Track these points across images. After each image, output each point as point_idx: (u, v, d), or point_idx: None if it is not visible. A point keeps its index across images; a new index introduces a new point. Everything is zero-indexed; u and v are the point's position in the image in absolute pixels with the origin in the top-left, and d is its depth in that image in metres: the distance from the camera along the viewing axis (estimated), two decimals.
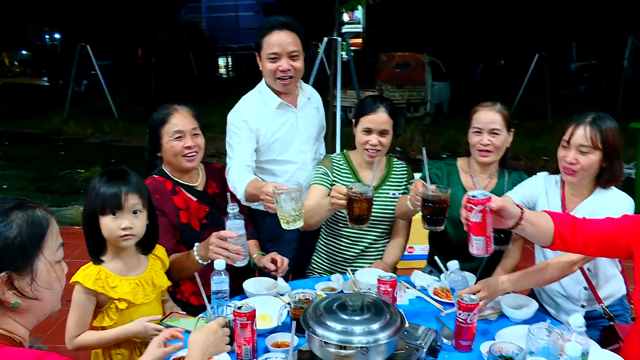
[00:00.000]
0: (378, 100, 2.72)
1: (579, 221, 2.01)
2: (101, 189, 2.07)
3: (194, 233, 2.56)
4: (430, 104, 15.07)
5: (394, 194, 2.79)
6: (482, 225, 1.79)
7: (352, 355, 1.62)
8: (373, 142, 2.64)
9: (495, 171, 2.73)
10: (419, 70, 14.73)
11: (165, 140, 2.52)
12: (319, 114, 3.09)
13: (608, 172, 2.34)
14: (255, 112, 2.83)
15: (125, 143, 12.26)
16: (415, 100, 14.51)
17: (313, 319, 1.70)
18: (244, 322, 1.85)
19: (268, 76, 2.81)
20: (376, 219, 2.74)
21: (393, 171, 2.85)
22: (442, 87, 15.89)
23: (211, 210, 2.64)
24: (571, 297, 2.52)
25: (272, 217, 2.48)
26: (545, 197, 2.55)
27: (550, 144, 11.57)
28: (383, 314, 1.71)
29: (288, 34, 2.73)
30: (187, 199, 2.58)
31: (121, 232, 2.08)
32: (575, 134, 2.33)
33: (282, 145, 2.87)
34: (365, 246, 2.81)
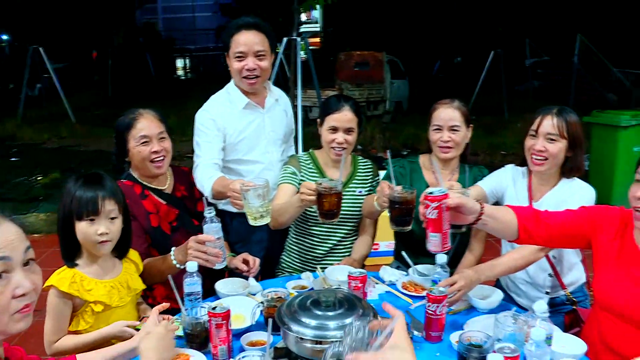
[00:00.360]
0: (342, 99, 2.78)
1: (542, 214, 2.10)
2: (77, 193, 2.06)
3: (165, 236, 2.56)
4: (390, 102, 15.18)
5: (360, 192, 2.84)
6: (439, 222, 1.81)
7: None
8: (339, 140, 2.69)
9: (457, 167, 2.81)
10: (378, 69, 14.84)
11: (132, 145, 2.52)
12: (287, 117, 3.13)
13: (572, 162, 2.47)
14: (223, 111, 2.85)
15: (85, 147, 11.99)
16: (374, 99, 14.60)
17: (288, 316, 1.74)
18: (219, 323, 1.87)
19: (235, 75, 2.84)
20: (344, 216, 2.79)
21: (359, 169, 2.90)
22: (401, 84, 16.03)
23: (180, 212, 2.65)
24: (536, 284, 2.62)
25: (240, 218, 2.51)
26: (513, 187, 2.65)
27: (507, 139, 11.92)
28: (356, 308, 1.76)
29: (255, 34, 2.77)
30: (156, 203, 2.59)
31: (98, 238, 2.08)
32: (543, 123, 2.45)
33: (248, 145, 2.90)
34: (334, 244, 2.86)
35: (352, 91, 13.58)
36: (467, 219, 1.93)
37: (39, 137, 12.93)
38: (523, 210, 2.11)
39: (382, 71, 14.84)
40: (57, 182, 8.23)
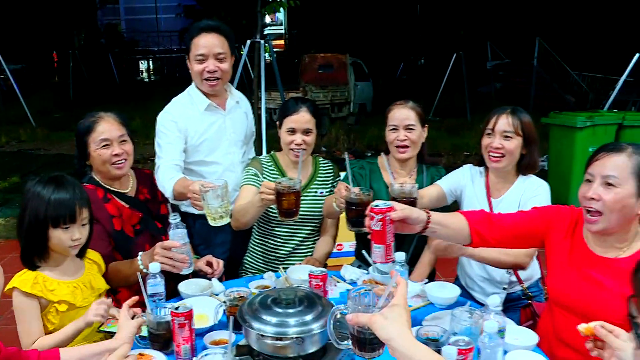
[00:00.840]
0: (300, 101, 2.83)
1: (494, 216, 2.19)
2: (52, 198, 2.05)
3: (128, 239, 2.57)
4: (354, 104, 15.27)
5: (322, 193, 2.89)
6: (382, 234, 1.84)
7: (288, 346, 1.71)
8: (297, 142, 2.74)
9: (414, 167, 2.89)
10: (342, 71, 14.92)
11: (92, 149, 2.52)
12: (248, 120, 3.16)
13: (527, 158, 2.58)
14: (184, 113, 2.88)
15: (45, 151, 11.77)
16: (338, 101, 14.67)
17: (249, 314, 1.78)
18: (181, 322, 1.89)
19: (196, 77, 2.88)
20: (305, 217, 2.84)
21: (320, 170, 2.95)
22: (364, 86, 16.14)
23: (144, 216, 2.66)
24: (494, 280, 2.71)
25: (202, 220, 2.52)
26: (471, 185, 2.74)
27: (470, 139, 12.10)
28: (315, 306, 1.81)
29: (215, 37, 2.82)
30: (119, 206, 2.59)
31: (72, 243, 2.10)
32: (498, 122, 2.56)
33: (209, 147, 2.93)
34: (296, 244, 2.90)
35: (316, 93, 13.63)
36: (414, 228, 1.98)
37: None
38: (474, 214, 2.19)
39: (346, 73, 14.92)
40: (17, 187, 8.03)
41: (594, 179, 1.92)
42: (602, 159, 1.92)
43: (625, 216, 1.90)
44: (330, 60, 15.05)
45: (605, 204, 1.88)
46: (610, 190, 1.88)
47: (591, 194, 1.91)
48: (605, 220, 1.90)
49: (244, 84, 11.91)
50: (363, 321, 1.37)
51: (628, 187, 1.86)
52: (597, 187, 1.91)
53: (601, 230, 1.93)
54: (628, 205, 1.87)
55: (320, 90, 13.93)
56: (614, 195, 1.87)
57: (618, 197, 1.86)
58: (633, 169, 1.86)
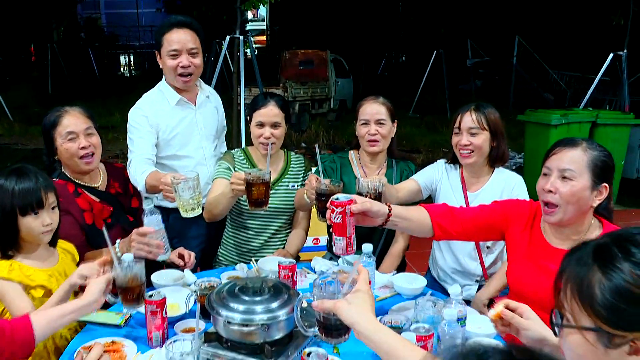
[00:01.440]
0: (269, 95, 2.89)
1: (456, 210, 2.26)
2: (16, 188, 2.06)
3: (100, 233, 2.57)
4: (334, 100, 15.31)
5: (293, 186, 2.95)
6: (342, 226, 1.88)
7: (254, 332, 1.76)
8: (266, 135, 2.79)
9: (384, 161, 2.96)
10: (322, 67, 14.95)
11: (59, 143, 2.52)
12: (219, 114, 3.21)
13: (497, 150, 2.67)
14: (155, 108, 2.92)
15: (22, 146, 11.65)
16: (319, 97, 14.69)
17: (217, 302, 1.82)
18: (153, 310, 1.94)
19: (169, 73, 2.91)
20: (277, 210, 2.90)
21: (291, 164, 3.01)
22: (345, 83, 16.19)
23: (115, 210, 2.67)
24: (467, 272, 2.79)
25: (176, 214, 2.57)
26: (447, 179, 2.84)
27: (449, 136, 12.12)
28: (282, 294, 1.86)
29: (187, 32, 2.85)
30: (90, 200, 2.60)
31: (43, 229, 2.12)
32: (463, 120, 2.65)
33: (181, 141, 2.97)
34: (269, 236, 2.95)
35: (296, 89, 13.65)
36: (375, 221, 2.03)
37: None
38: (436, 207, 2.25)
39: (326, 70, 14.96)
40: None
41: (551, 173, 2.00)
42: (559, 153, 2.00)
43: (580, 208, 1.97)
44: (311, 57, 15.08)
45: (562, 196, 1.96)
46: (567, 183, 1.96)
47: (549, 187, 1.99)
48: (561, 212, 1.98)
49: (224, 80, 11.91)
50: (328, 307, 1.44)
51: (583, 180, 1.94)
52: (554, 180, 1.98)
53: (558, 221, 2.01)
54: (583, 198, 1.95)
55: (301, 87, 13.94)
56: (570, 188, 1.95)
57: (574, 189, 1.94)
58: (588, 163, 1.94)
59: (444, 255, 2.86)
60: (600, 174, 1.96)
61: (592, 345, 1.07)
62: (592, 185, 1.95)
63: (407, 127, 12.65)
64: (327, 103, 15.08)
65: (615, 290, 1.04)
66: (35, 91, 19.30)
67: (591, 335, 1.07)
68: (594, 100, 10.39)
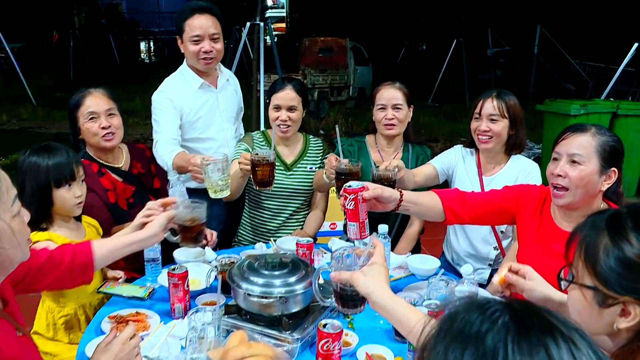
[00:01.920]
0: (286, 80, 2.96)
1: (467, 195, 2.32)
2: (50, 163, 2.18)
3: (122, 212, 2.67)
4: (353, 88, 15.29)
5: (311, 168, 3.01)
6: (355, 212, 1.94)
7: (273, 305, 1.84)
8: (283, 118, 2.86)
9: (400, 145, 3.01)
10: (342, 55, 14.91)
11: (81, 123, 2.62)
12: (237, 96, 3.28)
13: (515, 138, 2.72)
14: (178, 92, 2.98)
15: (45, 130, 11.84)
16: (338, 85, 14.68)
17: (238, 276, 1.90)
18: (175, 282, 2.03)
19: (191, 57, 2.97)
20: (296, 191, 2.97)
21: (310, 147, 3.07)
22: (364, 71, 16.14)
23: (137, 189, 2.76)
24: (481, 256, 2.85)
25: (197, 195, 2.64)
26: (463, 164, 2.88)
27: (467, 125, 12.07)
28: (299, 269, 1.93)
29: (209, 18, 2.92)
30: (113, 180, 2.69)
31: (76, 201, 2.24)
32: (484, 106, 2.69)
33: (204, 124, 3.04)
34: (287, 217, 3.03)
35: (315, 77, 13.66)
36: (388, 207, 2.09)
37: None
38: (447, 193, 2.31)
39: (345, 57, 14.93)
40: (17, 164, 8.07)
41: (561, 157, 2.05)
42: (568, 138, 2.04)
43: (589, 192, 2.02)
44: (330, 44, 15.05)
45: (571, 180, 2.00)
46: (576, 167, 2.00)
47: (558, 171, 2.03)
48: (570, 195, 2.03)
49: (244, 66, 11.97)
50: (345, 278, 1.52)
51: (592, 164, 1.99)
52: (563, 165, 2.03)
53: (567, 204, 2.06)
54: (592, 182, 2.00)
55: (320, 74, 13.94)
56: (579, 172, 1.99)
57: (583, 173, 1.99)
58: (596, 148, 1.99)
59: (458, 238, 2.91)
60: (609, 159, 1.99)
61: (589, 303, 1.16)
62: (601, 169, 1.99)
63: (426, 116, 12.62)
64: (346, 91, 15.07)
65: (616, 256, 1.11)
66: (57, 76, 19.54)
67: (589, 293, 1.16)
68: (616, 91, 10.26)
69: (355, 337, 1.93)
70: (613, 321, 1.13)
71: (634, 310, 1.08)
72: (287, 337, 1.82)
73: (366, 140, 3.05)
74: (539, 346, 0.69)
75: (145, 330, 1.95)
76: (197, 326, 1.71)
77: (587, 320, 1.18)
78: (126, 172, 2.76)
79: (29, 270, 1.74)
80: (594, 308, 1.16)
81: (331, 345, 1.68)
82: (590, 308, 1.17)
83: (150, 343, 1.76)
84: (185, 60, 3.06)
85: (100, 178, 2.64)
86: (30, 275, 1.75)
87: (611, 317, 1.13)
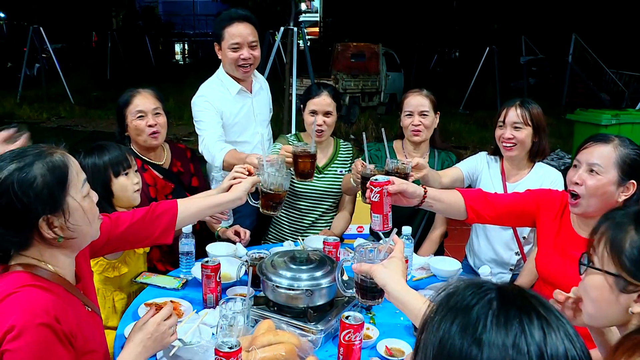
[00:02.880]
0: (322, 86, 3.07)
1: (489, 195, 2.39)
2: (106, 159, 2.35)
3: None
4: (385, 94, 15.35)
5: (341, 171, 3.12)
6: (380, 205, 2.03)
7: (299, 297, 1.95)
8: (319, 122, 2.96)
9: (427, 151, 3.10)
10: (374, 61, 14.99)
11: (129, 120, 2.77)
12: (268, 100, 3.43)
13: (538, 145, 2.78)
14: (218, 97, 3.11)
15: (83, 128, 12.22)
16: (369, 90, 14.76)
17: (267, 269, 2.03)
18: (208, 274, 2.16)
19: (229, 64, 3.09)
20: (326, 193, 3.08)
21: (340, 151, 3.18)
22: (396, 77, 16.18)
23: (176, 186, 2.89)
24: (503, 262, 2.92)
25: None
26: (487, 170, 2.96)
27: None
28: (326, 265, 2.05)
29: (247, 26, 3.05)
30: (154, 176, 2.83)
31: (134, 187, 2.40)
32: (508, 114, 2.77)
33: (241, 128, 3.17)
34: (316, 218, 3.14)
35: (347, 82, 13.75)
36: (412, 202, 2.18)
37: (39, 116, 13.10)
38: (470, 192, 2.39)
39: (377, 63, 15.00)
40: None
41: (581, 165, 2.11)
42: (590, 147, 2.10)
43: (604, 202, 2.07)
44: (363, 50, 15.14)
45: (587, 188, 2.06)
46: (594, 176, 2.06)
47: (576, 179, 2.10)
48: (584, 203, 2.09)
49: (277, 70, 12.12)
50: (365, 269, 1.63)
51: (610, 175, 2.04)
52: (582, 173, 2.09)
53: (581, 212, 2.12)
54: (608, 192, 2.05)
55: (352, 79, 14.03)
56: (596, 181, 2.05)
57: (600, 183, 2.05)
58: (616, 160, 2.04)
59: (480, 243, 2.98)
60: (629, 171, 2.04)
61: (610, 287, 1.31)
62: (619, 181, 2.04)
63: (457, 124, 12.63)
64: (377, 96, 15.14)
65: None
66: (94, 76, 20.01)
67: (612, 279, 1.31)
68: None
69: (376, 331, 2.03)
70: (628, 305, 1.27)
71: None
72: (311, 327, 1.93)
73: (394, 145, 3.14)
74: (514, 320, 0.81)
75: (178, 317, 2.06)
76: (227, 314, 1.83)
77: (602, 306, 1.33)
78: (167, 170, 2.89)
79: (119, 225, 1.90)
80: (614, 292, 1.30)
81: (352, 336, 1.78)
82: (610, 292, 1.31)
83: (183, 329, 1.88)
84: (222, 66, 3.18)
85: (143, 173, 2.77)
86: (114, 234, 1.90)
87: (627, 302, 1.28)
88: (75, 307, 1.52)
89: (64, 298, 1.48)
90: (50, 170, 1.45)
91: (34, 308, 1.36)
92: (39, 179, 1.42)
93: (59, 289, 1.49)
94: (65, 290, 1.51)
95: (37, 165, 1.44)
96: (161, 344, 1.68)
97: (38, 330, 1.34)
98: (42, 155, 1.47)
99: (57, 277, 1.50)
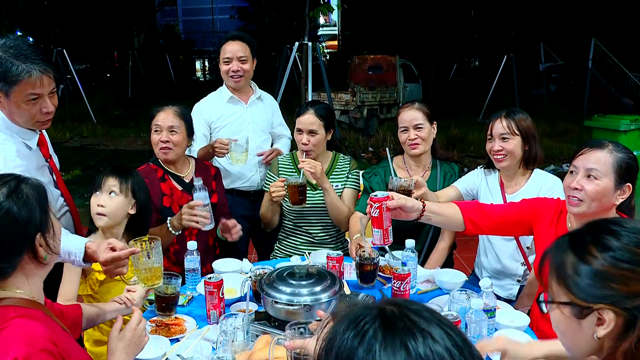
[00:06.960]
0: (310, 104, 3.17)
1: (486, 206, 2.43)
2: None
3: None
4: None
5: (337, 186, 3.16)
6: (380, 220, 2.09)
7: (298, 312, 1.98)
8: (303, 141, 3.08)
9: (429, 164, 3.12)
10: (391, 72, 15.05)
11: (151, 133, 2.96)
12: (269, 112, 3.68)
13: (529, 153, 2.79)
14: (211, 102, 3.57)
15: (104, 146, 12.43)
16: (387, 102, 14.80)
17: (267, 284, 2.06)
18: (211, 290, 2.19)
19: (223, 75, 3.51)
20: (323, 208, 3.13)
21: (336, 166, 3.23)
22: (414, 88, 16.21)
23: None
24: (509, 273, 2.91)
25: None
26: (486, 184, 2.97)
27: None
28: (325, 280, 2.08)
29: (239, 44, 3.43)
30: (172, 187, 2.96)
31: (96, 209, 2.40)
32: (494, 127, 2.80)
33: (230, 130, 3.46)
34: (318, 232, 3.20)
35: (365, 94, 13.82)
36: (410, 216, 2.24)
37: (62, 136, 13.35)
38: (467, 204, 2.44)
39: (395, 75, 15.05)
40: (78, 179, 8.61)
41: (578, 171, 2.14)
42: (586, 153, 2.14)
43: (603, 205, 2.11)
44: (380, 62, 15.21)
45: (587, 193, 2.10)
46: (592, 181, 2.10)
47: (575, 185, 2.13)
48: (585, 205, 2.12)
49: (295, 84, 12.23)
50: (299, 345, 1.64)
51: (607, 180, 2.08)
52: (580, 179, 2.12)
53: (582, 213, 2.15)
54: (607, 196, 2.10)
55: (370, 92, 14.10)
56: (594, 186, 2.09)
57: (598, 188, 2.08)
58: (612, 165, 2.08)
59: (487, 255, 2.98)
60: (624, 175, 2.09)
61: (569, 317, 1.23)
62: (616, 184, 2.09)
63: (476, 133, 12.57)
64: (395, 108, 15.13)
65: (583, 269, 1.20)
66: (116, 95, 20.36)
67: (567, 309, 1.23)
68: None
69: None
70: (593, 332, 1.19)
71: (608, 316, 1.16)
72: None
73: (391, 162, 3.12)
74: (401, 348, 0.81)
75: (181, 333, 2.12)
76: (227, 330, 1.87)
77: (573, 338, 1.26)
78: (187, 183, 3.00)
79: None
80: (573, 322, 1.22)
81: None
82: (570, 323, 1.23)
83: (184, 344, 1.92)
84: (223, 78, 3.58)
85: (161, 183, 2.92)
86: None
87: (590, 329, 1.19)
88: (55, 328, 1.54)
89: (46, 322, 1.50)
90: (35, 189, 1.51)
91: (30, 337, 1.38)
92: (30, 197, 1.48)
93: (39, 314, 1.51)
94: (44, 314, 1.53)
95: (23, 186, 1.49)
96: (140, 347, 1.74)
97: (41, 356, 1.36)
98: (19, 177, 1.52)
99: (34, 303, 1.53)
